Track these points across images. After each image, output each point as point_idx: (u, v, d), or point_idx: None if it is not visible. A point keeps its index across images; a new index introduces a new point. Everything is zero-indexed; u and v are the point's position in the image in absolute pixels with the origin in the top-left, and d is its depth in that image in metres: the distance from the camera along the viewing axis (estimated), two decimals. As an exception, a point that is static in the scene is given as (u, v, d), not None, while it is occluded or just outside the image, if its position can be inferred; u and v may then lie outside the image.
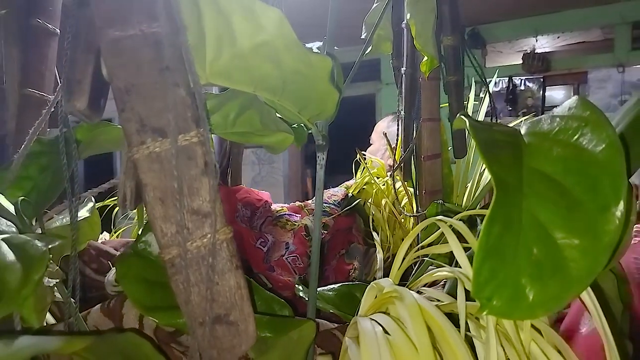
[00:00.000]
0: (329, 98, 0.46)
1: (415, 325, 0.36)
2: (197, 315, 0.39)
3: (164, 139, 0.39)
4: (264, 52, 0.42)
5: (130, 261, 0.43)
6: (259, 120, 0.51)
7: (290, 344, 0.48)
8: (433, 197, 0.83)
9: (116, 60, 0.39)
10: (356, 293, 0.63)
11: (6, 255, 0.36)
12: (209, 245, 0.40)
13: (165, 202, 0.39)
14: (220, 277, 0.40)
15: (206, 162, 0.41)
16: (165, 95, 0.40)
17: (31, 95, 0.84)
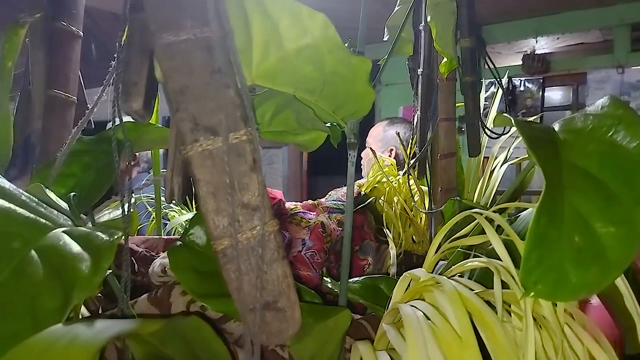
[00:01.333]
0: (366, 98, 0.48)
1: (456, 310, 0.38)
2: (248, 302, 0.41)
3: (215, 137, 0.42)
4: (307, 55, 0.44)
5: (180, 252, 0.45)
6: (295, 120, 0.53)
7: (325, 331, 0.51)
8: (448, 195, 0.85)
9: (170, 64, 0.42)
10: (380, 285, 0.66)
11: (72, 246, 0.38)
12: (258, 237, 0.42)
13: (217, 196, 0.42)
14: (269, 267, 0.42)
15: (254, 159, 0.43)
16: (217, 96, 0.42)
17: (56, 96, 0.87)
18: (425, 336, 0.38)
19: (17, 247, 0.37)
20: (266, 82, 0.46)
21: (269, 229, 0.43)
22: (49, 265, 0.36)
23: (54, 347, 0.29)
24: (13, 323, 0.33)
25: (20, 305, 0.34)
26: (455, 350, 0.37)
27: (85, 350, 0.28)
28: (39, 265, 0.36)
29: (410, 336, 0.38)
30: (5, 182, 0.40)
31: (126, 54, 0.44)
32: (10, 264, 0.36)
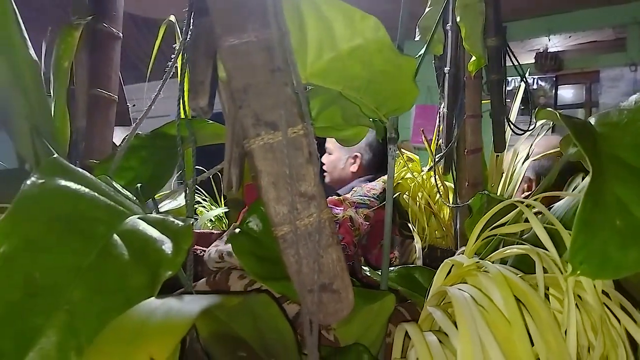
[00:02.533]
0: (409, 95, 0.52)
1: (502, 292, 0.42)
2: (306, 283, 0.45)
3: (275, 132, 0.45)
4: (358, 55, 0.47)
5: (240, 239, 0.49)
6: (341, 116, 0.57)
7: (370, 315, 0.54)
8: (475, 189, 0.88)
9: (234, 64, 0.45)
10: (414, 274, 0.69)
11: (151, 231, 0.42)
12: (315, 224, 0.46)
13: (277, 186, 0.45)
14: (325, 251, 0.46)
15: (310, 152, 0.46)
16: (276, 94, 0.46)
17: (99, 95, 0.91)
18: (474, 316, 0.41)
19: (102, 231, 0.41)
20: (318, 80, 0.49)
21: (324, 216, 0.46)
22: (132, 248, 0.40)
23: (151, 319, 0.33)
24: (106, 299, 0.37)
25: (111, 283, 0.38)
26: (503, 330, 0.41)
27: (181, 322, 0.32)
28: (123, 247, 0.40)
29: (461, 316, 0.41)
30: (86, 172, 0.44)
31: (193, 56, 0.47)
32: (97, 246, 0.40)
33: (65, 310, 0.36)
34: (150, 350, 0.29)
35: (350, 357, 0.50)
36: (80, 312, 0.36)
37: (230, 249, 0.54)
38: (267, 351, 0.46)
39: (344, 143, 0.62)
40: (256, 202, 0.53)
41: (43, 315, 0.35)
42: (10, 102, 0.53)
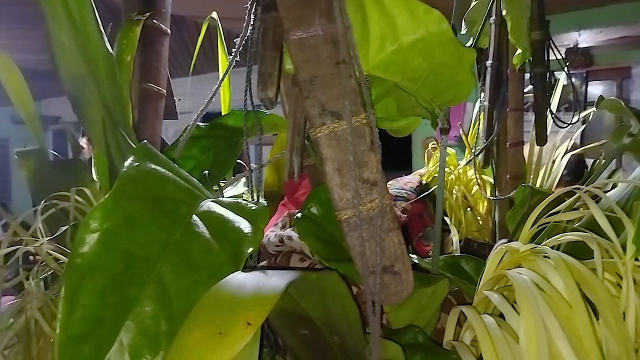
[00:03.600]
0: (466, 86, 0.53)
1: (563, 275, 0.43)
2: (369, 265, 0.47)
3: (340, 121, 0.48)
4: (419, 47, 0.49)
5: (304, 223, 0.51)
6: (396, 107, 0.59)
7: (423, 298, 0.56)
8: (516, 182, 0.89)
9: (302, 56, 0.48)
10: (460, 263, 0.71)
11: (227, 213, 0.45)
12: (377, 208, 0.48)
13: (341, 172, 0.48)
14: (386, 235, 0.48)
15: (372, 140, 0.49)
16: (341, 85, 0.48)
17: (149, 89, 0.94)
18: (537, 299, 0.43)
19: (185, 212, 0.44)
20: (379, 72, 0.52)
21: (386, 201, 0.48)
22: (211, 228, 0.43)
23: (243, 291, 0.35)
24: (192, 273, 0.40)
25: (195, 259, 0.41)
26: (564, 312, 0.42)
27: (272, 293, 0.34)
28: (203, 227, 0.43)
29: (523, 299, 0.43)
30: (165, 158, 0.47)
31: (261, 49, 0.50)
32: (181, 225, 0.43)
33: (156, 283, 0.39)
34: (246, 316, 0.32)
35: (407, 338, 0.52)
36: (169, 285, 0.39)
37: (289, 234, 0.56)
38: (331, 329, 0.48)
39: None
40: (316, 189, 0.55)
41: (138, 286, 0.38)
42: (84, 93, 0.57)
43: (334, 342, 0.49)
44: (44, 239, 0.69)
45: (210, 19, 1.19)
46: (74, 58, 0.55)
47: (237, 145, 0.61)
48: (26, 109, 0.79)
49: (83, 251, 0.35)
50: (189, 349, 0.32)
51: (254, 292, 0.34)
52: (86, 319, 0.34)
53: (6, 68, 0.76)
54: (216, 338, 0.32)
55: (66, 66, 0.55)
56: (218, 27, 1.16)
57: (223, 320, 0.33)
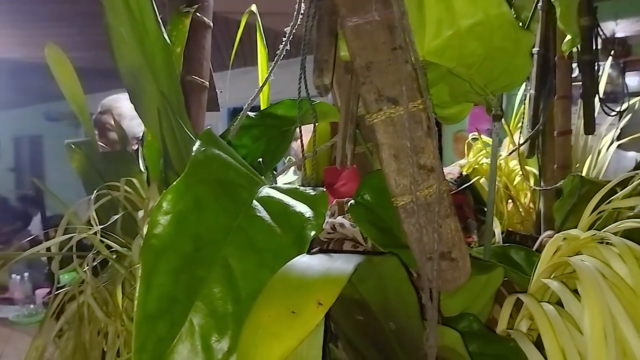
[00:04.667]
0: (523, 71, 0.52)
1: (628, 261, 0.42)
2: (426, 251, 0.47)
3: (397, 106, 0.48)
4: (477, 31, 0.49)
5: (359, 209, 0.51)
6: (448, 93, 0.58)
7: (477, 286, 0.56)
8: (564, 171, 0.87)
9: (358, 43, 0.48)
10: (509, 253, 0.70)
11: (286, 198, 0.45)
12: (434, 194, 0.48)
13: (398, 158, 0.48)
14: (443, 221, 0.48)
15: (429, 125, 0.48)
16: (397, 70, 0.48)
17: (193, 81, 0.96)
18: (601, 285, 0.42)
19: (246, 196, 0.44)
20: (434, 58, 0.51)
21: (443, 188, 0.48)
22: (272, 212, 0.44)
23: (309, 274, 0.36)
24: (256, 256, 0.41)
25: (259, 242, 0.41)
26: (630, 300, 0.41)
27: (341, 276, 0.35)
28: (263, 211, 0.44)
29: (588, 285, 0.42)
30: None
31: (317, 36, 0.50)
32: (242, 210, 0.43)
33: (222, 265, 0.40)
34: (317, 296, 0.33)
35: (461, 326, 0.52)
36: (234, 267, 0.40)
37: (341, 221, 0.57)
38: (387, 315, 0.48)
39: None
40: (368, 176, 0.55)
41: (205, 268, 0.39)
42: (141, 83, 0.58)
43: (389, 328, 0.49)
44: (97, 227, 0.71)
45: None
46: (132, 49, 0.56)
47: (288, 134, 0.61)
48: (77, 102, 0.81)
49: (157, 232, 0.36)
50: (263, 327, 0.32)
51: (323, 274, 0.35)
52: (161, 298, 0.35)
53: (59, 61, 0.79)
54: (289, 317, 0.32)
55: (124, 58, 0.57)
56: (257, 21, 1.17)
57: (294, 300, 0.33)
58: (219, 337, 0.37)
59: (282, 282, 0.35)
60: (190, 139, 0.56)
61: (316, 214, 0.42)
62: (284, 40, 0.61)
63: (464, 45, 0.50)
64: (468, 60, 0.52)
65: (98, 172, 0.82)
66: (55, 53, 0.78)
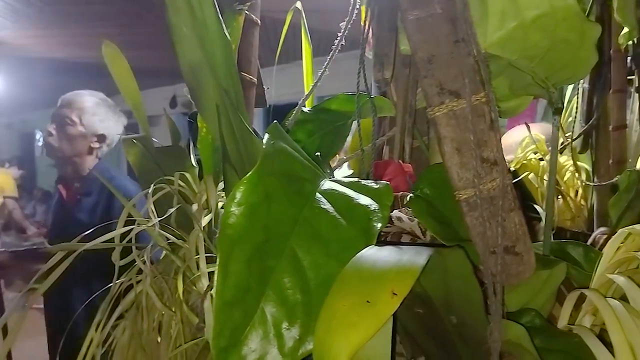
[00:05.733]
0: (587, 63, 0.51)
1: None
2: (489, 245, 0.47)
3: (459, 99, 0.47)
4: (541, 23, 0.48)
5: (419, 202, 0.51)
6: (508, 86, 0.57)
7: (538, 282, 0.55)
8: (620, 167, 0.85)
9: (419, 36, 0.48)
10: (567, 249, 0.68)
11: (348, 191, 0.46)
12: (497, 188, 0.47)
13: (461, 152, 0.47)
14: (507, 215, 0.47)
15: (492, 119, 0.48)
16: (460, 63, 0.48)
17: (242, 78, 0.97)
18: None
19: (309, 189, 0.45)
20: (496, 50, 0.51)
21: (507, 181, 0.48)
22: (336, 205, 0.44)
23: (381, 265, 0.36)
24: (322, 248, 0.41)
25: (324, 234, 0.42)
26: None
27: (414, 267, 0.35)
28: (328, 204, 0.44)
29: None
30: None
31: (376, 31, 0.50)
32: (307, 202, 0.44)
33: (290, 255, 0.41)
34: (392, 286, 0.33)
35: (523, 321, 0.51)
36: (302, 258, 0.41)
37: (398, 214, 0.57)
38: (450, 309, 0.48)
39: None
40: (426, 170, 0.55)
41: (275, 259, 0.40)
42: (200, 79, 0.60)
43: (450, 323, 0.49)
44: (155, 219, 0.73)
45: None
46: (192, 46, 0.57)
47: (343, 129, 0.61)
48: (133, 98, 0.84)
49: (231, 222, 0.38)
50: (339, 316, 0.33)
51: (396, 265, 0.35)
52: (237, 286, 0.37)
53: (115, 59, 0.81)
54: (364, 306, 0.33)
55: (185, 54, 0.58)
56: (302, 18, 1.18)
57: (369, 290, 0.34)
58: (289, 326, 0.38)
59: (355, 272, 0.36)
60: (249, 133, 0.57)
61: (381, 206, 0.42)
62: (339, 35, 0.61)
63: (528, 37, 0.49)
64: (531, 53, 0.51)
65: (152, 166, 0.84)
66: (112, 51, 0.81)
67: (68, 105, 1.68)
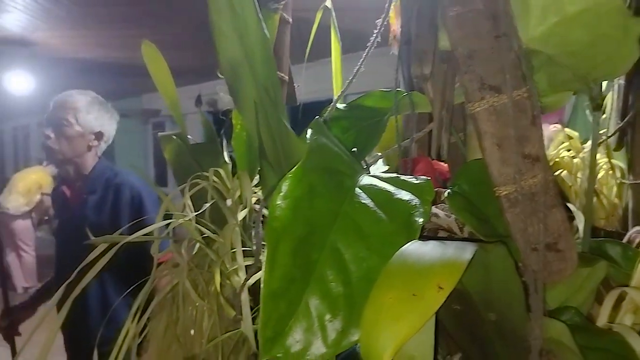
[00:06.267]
0: (628, 59, 0.50)
1: None
2: (530, 242, 0.46)
3: (500, 95, 0.47)
4: (583, 18, 0.47)
5: (457, 199, 0.51)
6: (547, 82, 0.57)
7: (578, 279, 0.54)
8: (659, 165, 0.83)
9: (460, 32, 0.48)
10: (604, 247, 0.67)
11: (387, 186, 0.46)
12: (539, 184, 0.47)
13: (502, 147, 0.47)
14: (549, 211, 0.47)
15: (534, 114, 0.48)
16: (501, 58, 0.47)
17: (273, 76, 0.98)
18: None
19: (349, 184, 0.46)
20: (537, 45, 0.50)
21: (549, 177, 0.47)
22: (376, 199, 0.45)
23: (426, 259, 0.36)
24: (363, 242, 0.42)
25: (365, 228, 0.43)
26: None
27: (459, 262, 0.35)
28: (367, 199, 0.45)
29: None
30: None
31: (416, 27, 0.51)
32: (346, 197, 0.45)
33: (331, 249, 0.41)
34: (438, 280, 0.33)
35: (564, 318, 0.51)
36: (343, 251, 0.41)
37: (435, 211, 0.57)
38: (489, 305, 0.48)
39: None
40: (464, 166, 0.55)
41: (317, 251, 0.40)
42: (239, 76, 0.61)
43: (488, 319, 0.49)
44: (192, 214, 0.75)
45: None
46: (232, 44, 0.59)
47: (379, 125, 0.62)
48: (170, 97, 0.86)
49: (277, 215, 0.38)
50: (386, 308, 0.33)
51: (441, 259, 0.35)
52: (283, 277, 0.37)
53: (154, 58, 0.83)
54: (411, 299, 0.33)
55: (224, 52, 0.60)
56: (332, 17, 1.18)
57: (415, 283, 0.34)
58: (332, 318, 0.38)
59: (400, 266, 0.36)
60: (286, 129, 0.57)
61: (423, 202, 0.42)
62: (375, 32, 0.62)
63: (569, 32, 0.49)
64: (572, 48, 0.51)
65: (188, 162, 0.86)
66: (150, 50, 0.83)
67: (62, 107, 1.66)
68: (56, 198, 1.84)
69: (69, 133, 1.63)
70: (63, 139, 1.63)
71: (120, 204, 1.62)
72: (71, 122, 1.63)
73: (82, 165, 1.69)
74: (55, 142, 1.63)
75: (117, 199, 1.63)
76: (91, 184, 1.68)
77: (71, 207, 1.72)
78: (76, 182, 1.72)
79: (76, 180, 1.71)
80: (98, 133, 1.70)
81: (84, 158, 1.68)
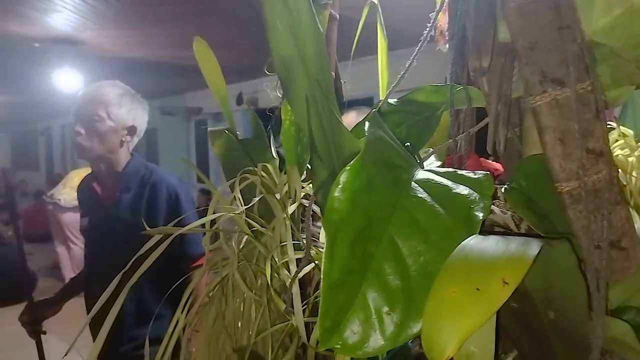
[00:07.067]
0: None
1: None
2: (594, 239, 0.45)
3: (563, 88, 0.46)
4: (653, 8, 0.46)
5: (515, 194, 0.50)
6: (609, 75, 0.55)
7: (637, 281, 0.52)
8: None
9: (521, 23, 0.47)
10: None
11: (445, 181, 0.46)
12: (603, 180, 0.45)
13: (564, 142, 0.46)
14: (613, 208, 0.46)
15: (597, 108, 0.46)
16: (563, 50, 0.46)
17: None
18: None
19: (405, 177, 0.45)
20: (601, 37, 0.49)
21: (614, 173, 0.46)
22: (432, 194, 0.44)
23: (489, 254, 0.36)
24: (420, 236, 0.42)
25: (422, 222, 0.42)
26: None
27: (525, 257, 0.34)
28: (424, 193, 0.44)
29: None
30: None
31: (475, 19, 0.50)
32: (402, 191, 0.44)
33: (388, 242, 0.41)
34: (502, 275, 0.33)
35: (625, 317, 0.49)
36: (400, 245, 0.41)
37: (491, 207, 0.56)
38: (548, 303, 0.47)
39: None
40: (523, 161, 0.54)
41: (374, 244, 0.41)
42: (292, 72, 0.61)
43: (547, 318, 0.48)
44: (242, 207, 0.76)
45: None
46: (285, 40, 0.59)
47: (432, 120, 0.61)
48: (220, 94, 0.87)
49: (336, 207, 0.39)
50: (449, 302, 0.33)
51: (505, 253, 0.35)
52: (342, 269, 0.38)
53: (205, 56, 0.85)
54: (474, 293, 0.33)
55: (277, 48, 0.60)
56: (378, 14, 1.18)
57: (478, 277, 0.34)
58: (390, 311, 0.39)
59: (462, 260, 0.36)
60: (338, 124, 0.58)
61: (482, 196, 0.42)
62: (429, 26, 0.61)
63: (634, 24, 0.47)
64: (636, 40, 0.49)
65: (237, 157, 0.88)
66: (202, 47, 0.85)
67: (91, 101, 1.54)
68: (85, 195, 1.72)
69: (101, 129, 1.52)
70: (95, 136, 1.52)
71: (157, 202, 1.53)
72: (103, 117, 1.53)
73: (115, 162, 1.59)
74: (87, 138, 1.53)
75: (154, 197, 1.54)
76: (125, 181, 1.58)
77: (103, 206, 1.62)
78: (108, 179, 1.61)
79: (108, 178, 1.61)
80: (131, 127, 1.60)
81: (117, 154, 1.58)
